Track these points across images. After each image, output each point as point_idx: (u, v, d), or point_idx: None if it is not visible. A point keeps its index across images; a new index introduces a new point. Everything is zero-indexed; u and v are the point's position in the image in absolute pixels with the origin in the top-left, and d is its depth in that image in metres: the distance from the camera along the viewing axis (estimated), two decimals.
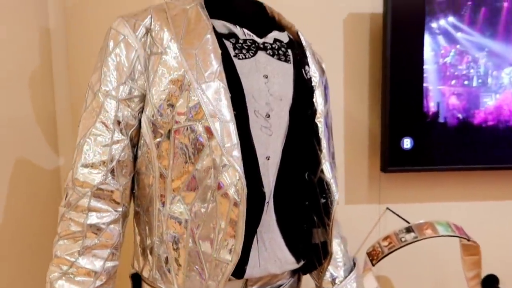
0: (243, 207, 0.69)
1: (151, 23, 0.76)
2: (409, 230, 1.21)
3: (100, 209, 0.73)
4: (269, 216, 0.78)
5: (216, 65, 0.72)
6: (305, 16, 1.36)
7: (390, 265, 1.41)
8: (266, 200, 0.78)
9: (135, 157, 0.78)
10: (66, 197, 0.74)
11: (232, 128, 0.70)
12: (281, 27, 0.90)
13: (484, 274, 1.43)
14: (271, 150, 0.78)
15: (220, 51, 0.73)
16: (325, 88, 0.90)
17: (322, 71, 0.92)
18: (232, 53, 0.76)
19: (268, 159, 0.78)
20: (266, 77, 0.79)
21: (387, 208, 1.45)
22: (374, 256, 1.22)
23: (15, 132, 1.16)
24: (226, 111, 0.70)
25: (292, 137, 0.81)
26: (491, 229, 1.48)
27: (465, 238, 1.22)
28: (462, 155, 1.36)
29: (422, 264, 1.49)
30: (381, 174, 1.42)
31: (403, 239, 1.18)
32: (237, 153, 0.69)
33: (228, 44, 0.77)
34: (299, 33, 0.90)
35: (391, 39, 1.30)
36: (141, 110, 0.77)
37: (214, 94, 0.70)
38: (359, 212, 1.45)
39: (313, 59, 0.88)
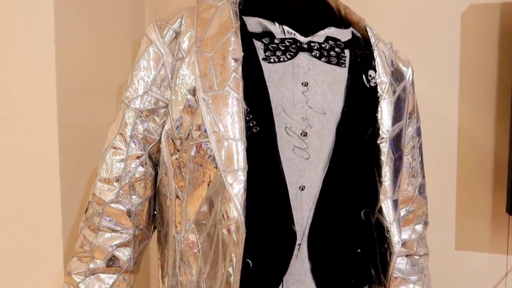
0: (238, 256, 0.54)
1: (180, 25, 0.67)
2: None
3: (110, 229, 0.66)
4: (300, 263, 0.61)
5: (231, 69, 0.58)
6: (412, 9, 1.11)
7: None
8: (298, 242, 0.60)
9: (155, 175, 0.70)
10: (86, 211, 0.71)
11: (240, 148, 0.55)
12: (346, 23, 0.72)
13: None
14: (307, 178, 0.61)
15: (241, 53, 0.59)
16: (401, 99, 0.68)
17: (401, 76, 0.70)
18: (261, 55, 0.62)
19: (303, 189, 0.61)
20: (306, 85, 0.62)
21: None
22: None
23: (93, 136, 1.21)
24: (234, 127, 0.56)
25: (339, 162, 0.61)
26: None
27: None
28: None
29: None
30: (510, 217, 1.06)
31: None
32: (238, 183, 0.54)
33: (259, 45, 0.63)
34: (368, 29, 0.70)
35: None
36: (163, 123, 0.69)
37: (221, 107, 0.57)
38: (475, 262, 1.11)
39: (384, 62, 0.67)
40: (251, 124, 0.57)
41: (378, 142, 0.63)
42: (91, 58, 1.14)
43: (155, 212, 0.73)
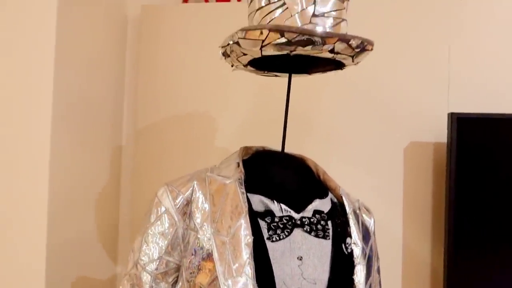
0: None
1: (192, 194, 0.79)
2: None
3: None
4: None
5: (245, 256, 0.71)
6: (362, 145, 1.33)
7: None
8: None
9: None
10: None
11: None
12: (325, 189, 0.88)
13: None
14: None
15: (252, 239, 0.73)
16: (370, 255, 0.85)
17: (367, 233, 0.87)
18: (266, 235, 0.76)
19: None
20: (300, 259, 0.76)
21: None
22: None
23: (77, 245, 1.25)
24: None
25: None
26: None
27: None
28: None
29: None
30: None
31: None
32: None
33: (263, 224, 0.77)
34: (343, 197, 0.87)
35: (456, 169, 1.21)
36: (176, 280, 0.79)
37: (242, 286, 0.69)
38: None
39: (357, 227, 0.84)
40: None
41: None
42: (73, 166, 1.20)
43: None
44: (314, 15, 0.76)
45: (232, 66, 0.91)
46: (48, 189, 1.08)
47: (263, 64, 0.89)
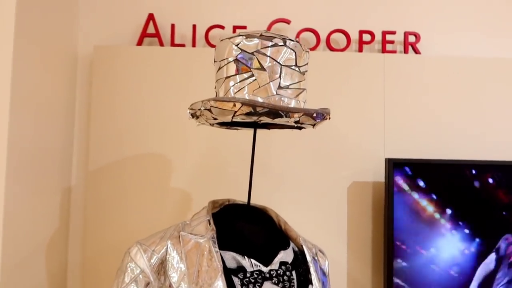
0: None
1: (166, 254, 0.83)
2: None
3: None
4: None
5: None
6: (311, 185, 1.44)
7: None
8: None
9: None
10: None
11: None
12: (287, 239, 0.96)
13: None
14: None
15: None
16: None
17: (324, 276, 0.97)
18: None
19: None
20: None
21: None
22: None
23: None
24: None
25: None
26: None
27: None
28: None
29: None
30: None
31: None
32: None
33: (237, 281, 0.83)
34: (304, 246, 0.96)
35: (393, 210, 1.37)
36: None
37: None
38: None
39: (317, 272, 0.94)
40: None
41: None
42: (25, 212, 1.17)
43: None
44: (279, 87, 0.85)
45: (196, 122, 0.96)
46: (2, 237, 1.04)
47: (227, 123, 0.95)
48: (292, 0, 1.57)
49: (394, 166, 1.35)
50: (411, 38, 1.54)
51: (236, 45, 0.86)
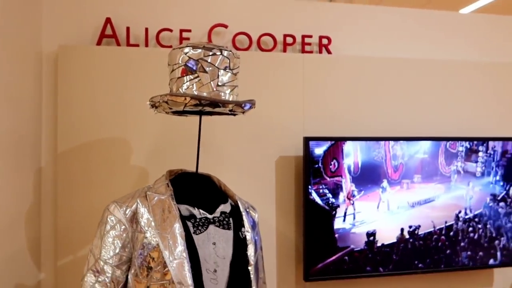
0: None
1: (137, 208, 1.14)
2: None
3: None
4: None
5: (181, 246, 1.10)
6: (246, 159, 1.80)
7: None
8: None
9: None
10: None
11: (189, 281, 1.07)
12: (226, 196, 1.31)
13: None
14: None
15: (184, 232, 1.11)
16: (256, 239, 1.30)
17: (254, 225, 1.32)
18: (192, 230, 1.15)
19: None
20: (214, 244, 1.18)
21: None
22: None
23: (8, 257, 1.44)
24: (187, 277, 1.07)
25: (232, 282, 1.18)
26: None
27: None
28: (367, 267, 1.80)
29: None
30: (307, 283, 1.82)
31: None
32: None
33: (190, 224, 1.16)
34: (238, 201, 1.31)
35: (310, 177, 1.76)
36: (128, 269, 1.13)
37: (179, 266, 1.08)
38: None
39: (248, 219, 1.29)
40: (192, 270, 1.08)
41: (249, 267, 1.22)
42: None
43: None
44: (218, 85, 1.18)
45: (154, 111, 1.25)
46: None
47: (179, 112, 1.27)
48: (229, 7, 1.89)
49: (309, 141, 1.74)
50: (324, 41, 1.93)
51: (185, 54, 1.17)
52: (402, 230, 1.84)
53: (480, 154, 1.92)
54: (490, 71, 2.07)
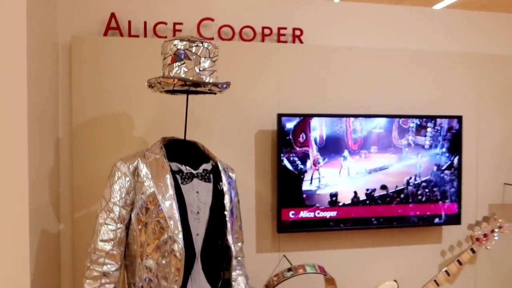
0: (182, 262, 1.42)
1: (137, 164, 1.50)
2: (290, 269, 1.97)
3: (110, 263, 1.42)
4: (197, 265, 1.50)
5: (171, 191, 1.46)
6: (230, 133, 2.15)
7: None
8: (196, 257, 1.50)
9: (126, 235, 1.49)
10: (90, 257, 1.43)
11: (179, 223, 1.43)
12: (208, 158, 1.66)
13: None
14: (199, 230, 1.52)
15: (173, 183, 1.47)
16: (232, 192, 1.66)
17: (230, 181, 1.68)
18: (180, 181, 1.51)
19: (198, 235, 1.51)
20: (197, 192, 1.53)
21: (284, 255, 2.21)
22: (269, 287, 1.96)
23: (44, 207, 1.80)
24: (176, 213, 1.44)
25: (212, 222, 1.55)
26: (353, 266, 2.28)
27: (324, 274, 2.00)
28: (330, 223, 2.16)
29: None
30: (280, 234, 2.19)
31: (285, 275, 1.94)
32: (180, 235, 1.42)
33: (178, 177, 1.51)
34: (218, 162, 1.66)
35: (282, 148, 2.11)
36: (131, 210, 1.49)
37: (169, 206, 1.44)
38: (266, 258, 2.20)
39: (226, 176, 1.64)
40: (179, 210, 1.45)
41: (225, 212, 1.58)
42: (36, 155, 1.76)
43: (125, 253, 1.50)
44: (200, 70, 1.51)
45: (151, 90, 1.59)
46: (28, 168, 1.63)
47: (170, 91, 1.61)
48: (215, 3, 2.21)
49: (281, 117, 2.08)
50: (297, 32, 2.25)
51: (174, 45, 1.50)
52: (359, 192, 2.20)
53: (429, 129, 2.26)
54: (440, 60, 2.39)
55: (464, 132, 2.35)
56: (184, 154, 1.60)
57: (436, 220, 2.30)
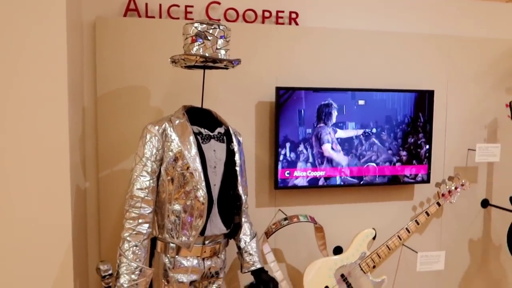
0: (205, 205, 1.76)
1: (165, 127, 1.81)
2: (286, 219, 2.34)
3: (145, 207, 1.75)
4: (214, 209, 1.85)
5: (194, 149, 1.78)
6: (234, 103, 2.46)
7: (281, 240, 2.54)
8: (214, 203, 1.84)
9: (157, 186, 1.82)
10: (128, 202, 1.76)
11: (202, 174, 1.77)
12: (221, 123, 1.98)
13: (333, 245, 2.61)
14: (216, 181, 1.86)
15: (196, 142, 1.80)
16: (241, 151, 2.00)
17: (239, 143, 2.01)
18: (200, 141, 1.84)
19: (215, 185, 1.85)
20: (214, 151, 1.87)
21: (279, 209, 2.58)
22: (268, 233, 2.33)
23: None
24: (199, 167, 1.77)
25: (225, 175, 1.89)
26: (338, 218, 2.68)
27: (314, 223, 2.38)
28: (319, 181, 2.53)
29: (299, 239, 2.63)
30: (276, 190, 2.55)
31: (282, 223, 2.31)
32: (203, 183, 1.76)
33: (199, 138, 1.84)
34: (229, 127, 1.99)
35: (279, 117, 2.44)
36: (161, 164, 1.81)
37: (194, 161, 1.77)
38: (264, 211, 2.57)
39: (236, 138, 1.98)
40: (201, 164, 1.78)
41: (236, 167, 1.91)
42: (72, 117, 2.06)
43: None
44: (217, 48, 1.82)
45: (173, 65, 1.89)
46: (69, 128, 1.93)
47: (190, 66, 1.91)
48: None
49: (279, 90, 2.41)
50: (293, 15, 2.55)
51: (195, 27, 1.80)
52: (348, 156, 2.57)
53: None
54: (416, 41, 2.74)
55: (435, 105, 2.72)
56: (202, 119, 1.92)
57: (408, 179, 2.69)
